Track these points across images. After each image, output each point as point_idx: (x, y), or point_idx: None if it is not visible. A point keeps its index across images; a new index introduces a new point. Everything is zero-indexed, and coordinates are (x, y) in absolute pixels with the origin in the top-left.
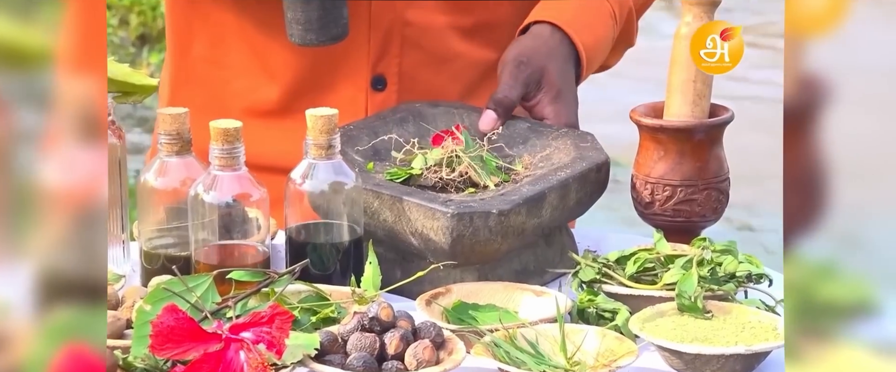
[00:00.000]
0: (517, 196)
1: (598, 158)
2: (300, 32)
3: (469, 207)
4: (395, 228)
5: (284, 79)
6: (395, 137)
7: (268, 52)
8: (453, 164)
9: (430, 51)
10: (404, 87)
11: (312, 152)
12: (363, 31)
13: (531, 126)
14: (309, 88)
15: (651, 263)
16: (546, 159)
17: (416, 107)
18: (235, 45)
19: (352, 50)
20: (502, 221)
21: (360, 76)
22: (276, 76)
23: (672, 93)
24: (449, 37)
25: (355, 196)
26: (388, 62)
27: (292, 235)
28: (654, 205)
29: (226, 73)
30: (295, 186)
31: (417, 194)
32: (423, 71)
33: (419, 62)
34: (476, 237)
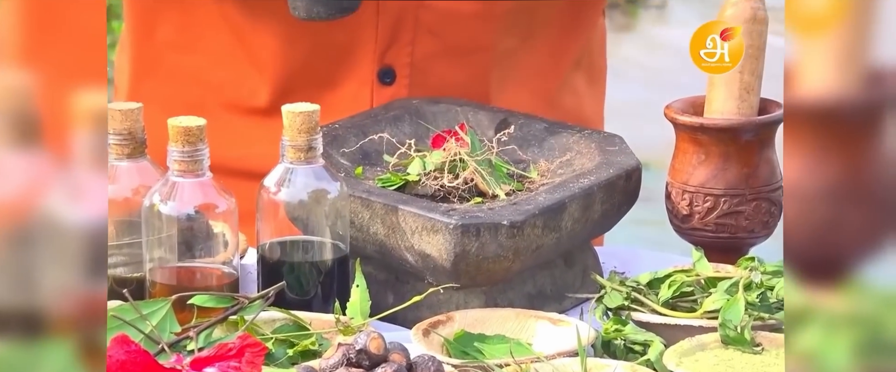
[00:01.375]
0: (532, 206)
1: (627, 164)
2: (305, 3)
3: (475, 218)
4: (387, 243)
5: (273, 70)
6: (388, 138)
7: (253, 37)
8: (457, 170)
9: (449, 39)
10: (416, 82)
11: (289, 155)
12: (370, 14)
13: (549, 126)
14: (303, 82)
15: (689, 287)
16: (566, 165)
17: (412, 103)
18: (212, 27)
19: (356, 36)
20: (514, 235)
21: (364, 68)
22: (264, 67)
23: (715, 86)
24: (473, 23)
25: (340, 206)
26: (397, 51)
27: (265, 252)
28: (692, 218)
29: (200, 61)
30: (269, 196)
31: (414, 203)
32: (439, 63)
33: (435, 52)
34: (483, 254)
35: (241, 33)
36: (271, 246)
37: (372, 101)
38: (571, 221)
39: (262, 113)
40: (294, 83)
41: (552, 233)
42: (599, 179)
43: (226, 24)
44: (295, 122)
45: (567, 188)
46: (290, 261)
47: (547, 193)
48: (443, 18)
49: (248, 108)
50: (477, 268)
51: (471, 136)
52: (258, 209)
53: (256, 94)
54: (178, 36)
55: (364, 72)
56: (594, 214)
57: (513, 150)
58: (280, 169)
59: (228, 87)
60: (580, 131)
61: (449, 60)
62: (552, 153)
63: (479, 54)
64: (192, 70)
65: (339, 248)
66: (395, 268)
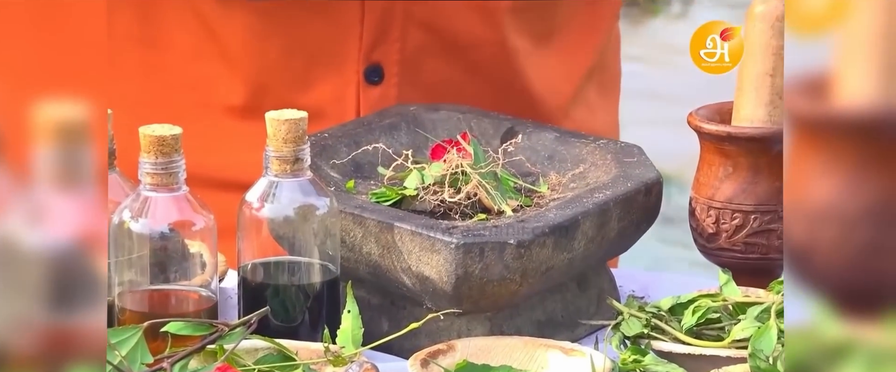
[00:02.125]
0: (542, 224)
1: (646, 177)
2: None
3: (479, 236)
4: (381, 264)
5: (247, 67)
6: (383, 148)
7: (224, 30)
8: (458, 184)
9: (445, 33)
10: (408, 81)
11: (274, 167)
12: (354, 4)
13: (560, 136)
14: (280, 80)
15: (716, 313)
16: (579, 178)
17: (410, 110)
18: (178, 18)
19: (338, 28)
20: (522, 256)
21: (349, 65)
22: (237, 63)
23: (743, 90)
24: (472, 15)
25: (330, 224)
26: (387, 47)
27: (247, 274)
28: (719, 237)
29: (165, 57)
30: (251, 211)
31: (412, 220)
32: (434, 60)
33: (428, 48)
34: (487, 276)
35: (211, 24)
36: (254, 267)
37: (358, 102)
38: (585, 240)
39: (238, 113)
40: (269, 81)
41: (564, 253)
42: (616, 194)
43: (193, 14)
44: (280, 130)
45: (580, 204)
46: (274, 284)
47: (558, 210)
48: (437, 9)
49: (224, 108)
50: (481, 291)
51: (474, 146)
52: (239, 226)
53: (228, 94)
54: (140, 29)
55: (348, 70)
56: (610, 233)
57: (520, 162)
58: (263, 182)
59: (200, 85)
60: (595, 141)
61: (445, 57)
62: (564, 165)
63: (478, 50)
64: (158, 67)
65: (328, 269)
66: (391, 291)
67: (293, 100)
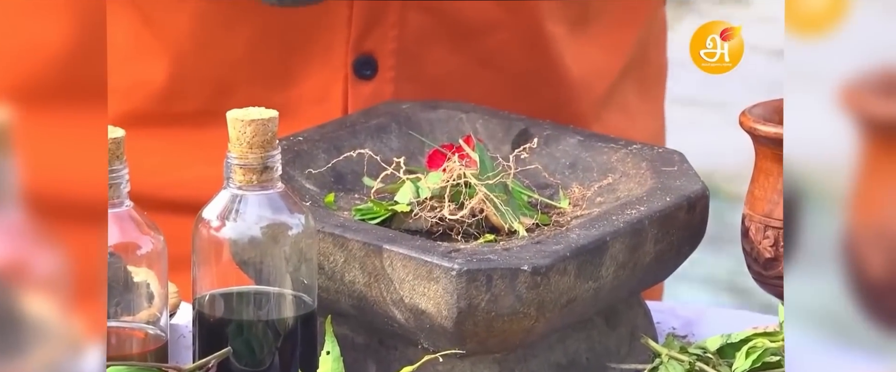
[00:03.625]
0: (562, 246)
1: (689, 189)
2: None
3: (486, 261)
4: (368, 295)
5: (206, 63)
6: (370, 154)
7: (173, 20)
8: (461, 198)
9: (452, 16)
10: (405, 75)
11: (237, 178)
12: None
13: (584, 139)
14: (248, 78)
15: (775, 356)
16: (608, 190)
17: (402, 108)
18: (114, 10)
19: (322, 14)
20: (538, 285)
21: (334, 56)
22: (190, 59)
23: None
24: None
25: (305, 246)
26: (381, 34)
27: (205, 308)
28: (778, 263)
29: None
30: (209, 232)
31: (404, 242)
32: (438, 49)
33: (432, 34)
34: (496, 310)
35: (153, 16)
36: (212, 299)
37: (345, 101)
38: (615, 267)
39: (193, 119)
40: (235, 79)
41: (589, 282)
42: (652, 211)
43: (132, 6)
44: (244, 133)
45: (609, 222)
46: (237, 319)
47: (582, 229)
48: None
49: (175, 114)
50: (488, 328)
51: (480, 151)
52: (195, 250)
53: (184, 95)
54: None
55: (334, 61)
56: (645, 257)
57: (536, 172)
58: (224, 196)
59: (140, 84)
60: (626, 146)
61: (451, 45)
62: (589, 175)
63: (494, 37)
64: None
65: (303, 302)
66: (379, 328)
67: (265, 100)
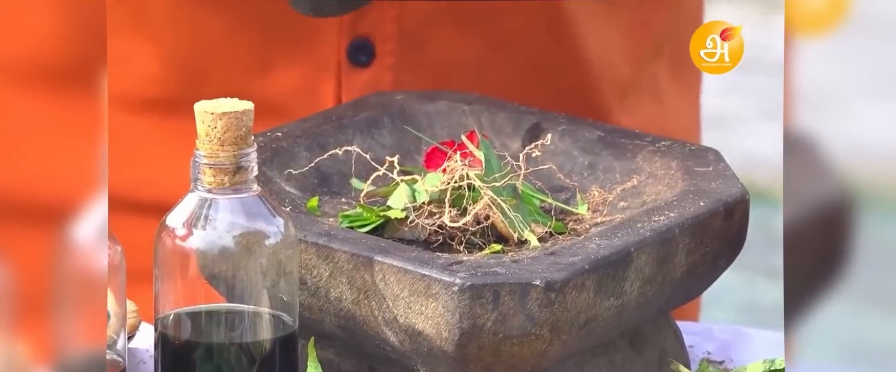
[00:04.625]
0: (579, 258)
1: (726, 193)
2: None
3: (492, 275)
4: (356, 314)
5: (177, 43)
6: (359, 152)
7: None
8: (464, 202)
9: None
10: (407, 63)
11: (207, 179)
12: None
13: (606, 134)
14: (225, 63)
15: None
16: (632, 194)
17: (395, 100)
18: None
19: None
20: (552, 303)
21: (325, 40)
22: (161, 39)
23: None
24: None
25: (285, 258)
26: (378, 14)
27: (168, 329)
28: None
29: None
30: (174, 241)
31: (399, 253)
32: (443, 33)
33: (435, 16)
34: (504, 331)
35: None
36: (177, 319)
37: (338, 92)
38: (640, 282)
39: (161, 109)
40: (211, 65)
41: (610, 299)
42: (683, 217)
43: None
44: (214, 128)
45: (633, 230)
46: (206, 342)
47: (602, 238)
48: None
49: (140, 102)
50: (495, 352)
51: (485, 149)
52: (157, 263)
53: (150, 80)
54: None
55: (325, 46)
56: (675, 271)
57: (550, 173)
58: (192, 201)
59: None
60: (654, 143)
61: (459, 27)
62: (610, 176)
63: (511, 18)
64: None
65: (282, 322)
66: (369, 352)
67: (245, 89)
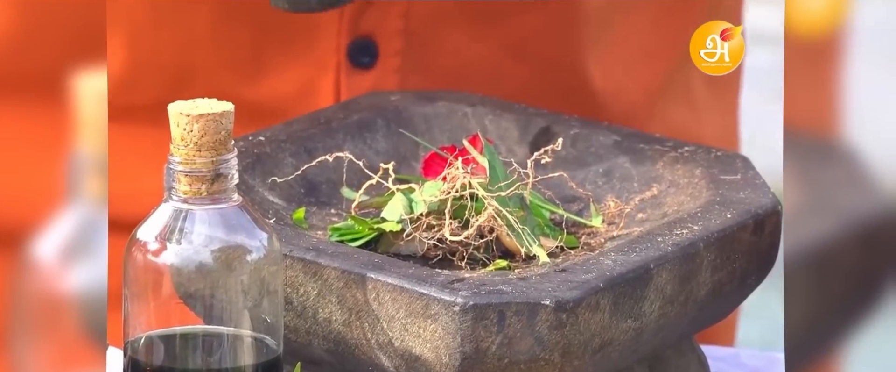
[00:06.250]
0: (593, 275)
1: (756, 204)
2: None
3: (497, 294)
4: (348, 336)
5: (155, 44)
6: (350, 159)
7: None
8: (466, 214)
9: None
10: (413, 64)
11: (182, 188)
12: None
13: (622, 139)
14: (212, 65)
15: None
16: (653, 204)
17: (390, 101)
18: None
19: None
20: (564, 324)
21: (324, 39)
22: (136, 38)
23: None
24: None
25: (268, 275)
26: (382, 12)
27: (139, 354)
28: None
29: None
30: (146, 257)
31: (394, 270)
32: (452, 33)
33: (444, 15)
34: (511, 355)
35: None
36: (149, 342)
37: (338, 97)
38: (661, 301)
39: (139, 114)
40: (195, 66)
41: (628, 320)
42: (709, 230)
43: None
44: (191, 132)
45: (653, 245)
46: (181, 368)
47: (619, 254)
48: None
49: (112, 110)
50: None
51: (490, 155)
52: (126, 281)
53: (135, 83)
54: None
55: (323, 45)
56: (700, 290)
57: (561, 182)
58: (165, 212)
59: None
60: (676, 148)
61: (469, 26)
62: (628, 185)
63: (525, 16)
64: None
65: (265, 345)
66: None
67: (233, 94)
